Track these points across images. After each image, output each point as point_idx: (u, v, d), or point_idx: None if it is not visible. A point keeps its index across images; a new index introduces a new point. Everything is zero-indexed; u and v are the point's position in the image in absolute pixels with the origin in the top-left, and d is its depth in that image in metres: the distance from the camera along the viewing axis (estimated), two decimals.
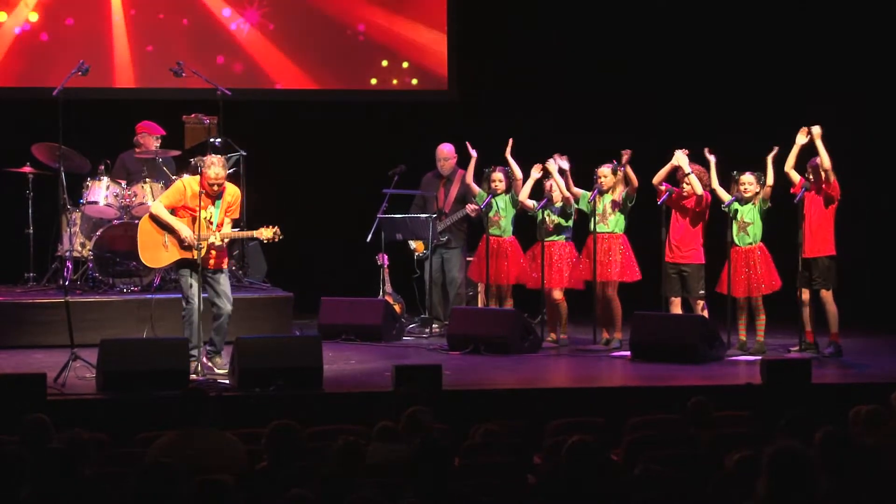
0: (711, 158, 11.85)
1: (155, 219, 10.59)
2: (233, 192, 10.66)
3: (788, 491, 5.07)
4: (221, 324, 10.62)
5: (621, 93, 15.05)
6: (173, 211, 10.56)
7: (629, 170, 12.07)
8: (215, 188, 10.43)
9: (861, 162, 13.88)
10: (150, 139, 13.13)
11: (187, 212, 10.50)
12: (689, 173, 11.85)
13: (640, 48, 15.15)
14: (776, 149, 11.66)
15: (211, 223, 10.46)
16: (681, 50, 15.13)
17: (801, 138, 11.54)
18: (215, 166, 10.42)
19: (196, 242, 10.34)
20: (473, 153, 12.78)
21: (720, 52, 15.14)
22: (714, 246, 12.11)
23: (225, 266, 10.73)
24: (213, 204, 10.51)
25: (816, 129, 11.47)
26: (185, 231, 10.44)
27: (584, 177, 12.35)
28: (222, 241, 10.53)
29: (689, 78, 15.13)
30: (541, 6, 15.36)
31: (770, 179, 11.66)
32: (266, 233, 10.64)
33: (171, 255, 10.53)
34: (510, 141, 12.47)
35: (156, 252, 10.59)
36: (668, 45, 15.11)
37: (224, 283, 10.65)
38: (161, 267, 10.79)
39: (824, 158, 11.47)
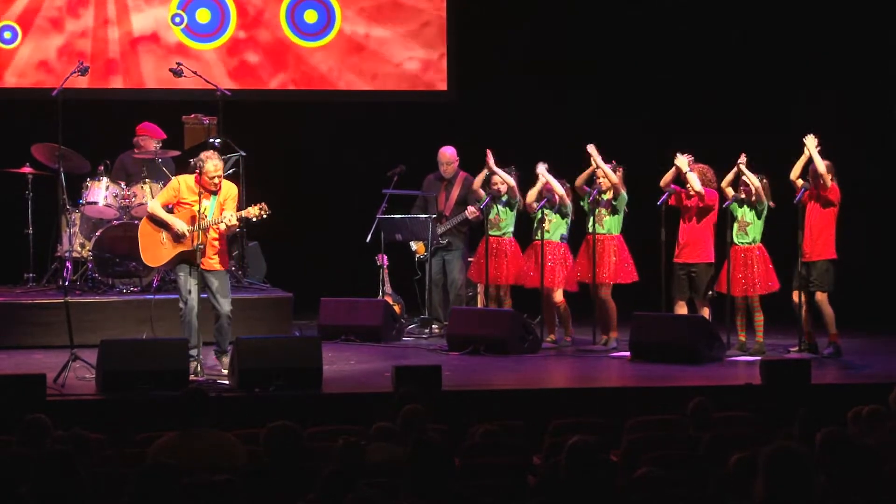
0: (741, 159, 11.79)
1: (152, 218, 10.62)
2: (227, 190, 10.64)
3: (786, 491, 5.06)
4: (221, 324, 10.60)
5: (622, 92, 15.05)
6: (171, 209, 10.58)
7: (606, 169, 12.06)
8: (215, 181, 10.44)
9: (860, 162, 13.86)
10: (150, 142, 13.12)
11: (184, 207, 10.51)
12: (686, 172, 11.87)
13: (641, 47, 15.14)
14: (743, 155, 11.66)
15: (205, 218, 10.44)
16: (682, 48, 15.11)
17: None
18: (212, 159, 10.46)
19: (188, 234, 10.33)
20: (490, 162, 12.49)
21: (720, 51, 15.15)
22: (715, 246, 12.10)
23: (220, 267, 10.69)
24: (209, 199, 10.50)
25: (810, 141, 11.48)
26: (179, 224, 10.44)
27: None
28: (229, 219, 10.42)
29: (691, 76, 15.12)
30: (541, 6, 15.35)
31: (756, 181, 11.64)
32: (252, 211, 10.60)
33: (170, 250, 10.53)
34: (488, 153, 12.43)
35: (155, 251, 10.58)
36: (670, 43, 15.09)
37: (220, 283, 10.62)
38: (163, 265, 10.76)
39: (818, 164, 11.50)
